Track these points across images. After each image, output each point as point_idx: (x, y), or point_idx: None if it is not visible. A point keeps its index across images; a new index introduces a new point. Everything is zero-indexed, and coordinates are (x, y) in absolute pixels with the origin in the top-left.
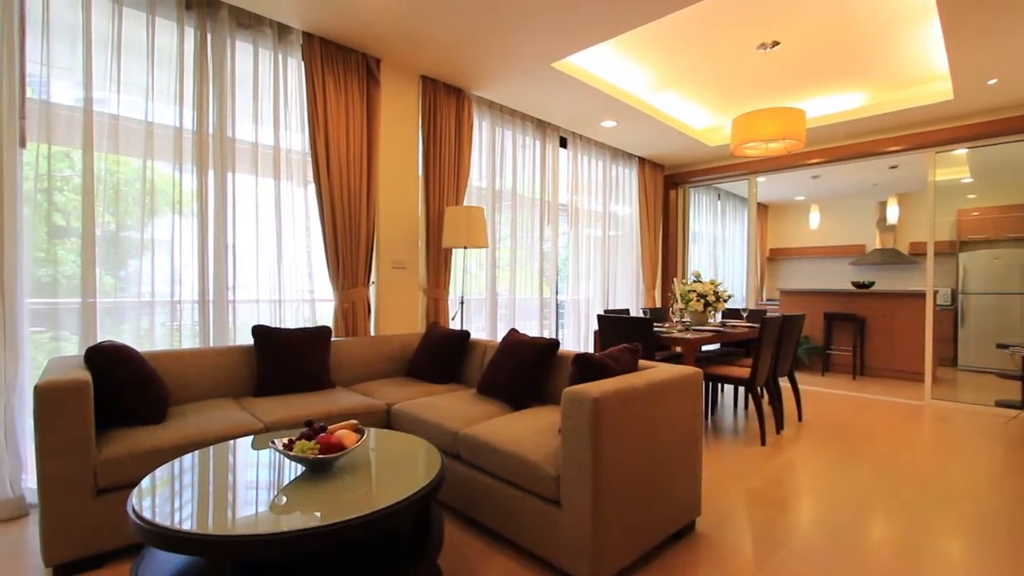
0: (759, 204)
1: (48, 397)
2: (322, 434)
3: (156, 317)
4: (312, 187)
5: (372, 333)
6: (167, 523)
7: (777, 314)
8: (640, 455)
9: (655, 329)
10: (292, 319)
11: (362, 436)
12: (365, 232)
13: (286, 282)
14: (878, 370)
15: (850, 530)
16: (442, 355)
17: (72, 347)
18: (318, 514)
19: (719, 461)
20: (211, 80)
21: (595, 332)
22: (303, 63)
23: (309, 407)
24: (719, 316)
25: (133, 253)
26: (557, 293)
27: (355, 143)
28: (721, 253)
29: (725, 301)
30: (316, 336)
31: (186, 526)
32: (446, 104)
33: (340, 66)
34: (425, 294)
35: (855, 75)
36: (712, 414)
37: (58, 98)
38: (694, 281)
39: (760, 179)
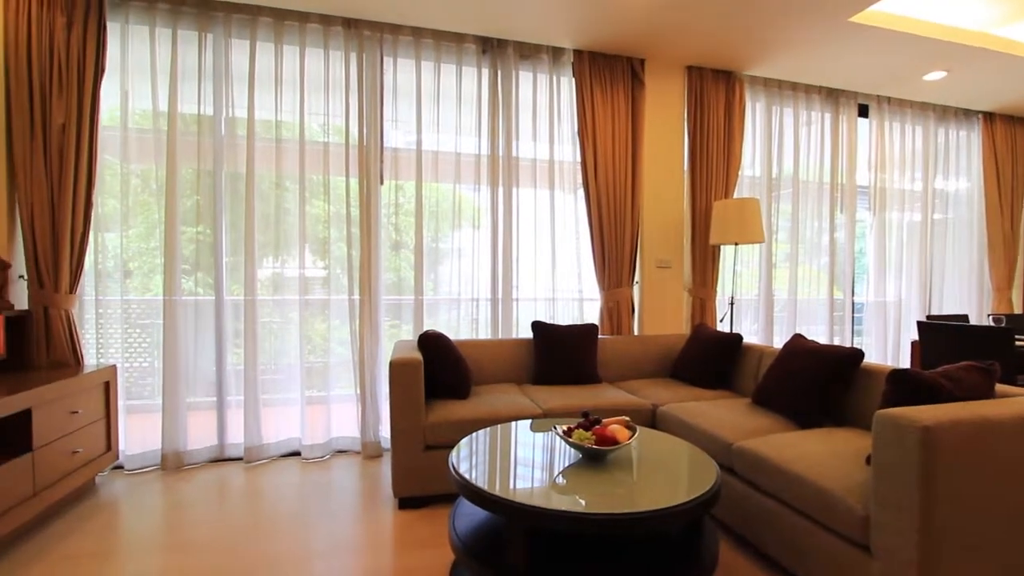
0: None
1: (398, 370)
2: (597, 426)
3: (460, 311)
4: (581, 193)
5: (635, 332)
6: (477, 482)
7: None
8: (1014, 517)
9: (1018, 344)
10: (563, 316)
11: (634, 433)
12: (630, 232)
13: (558, 282)
14: None
15: None
16: (710, 359)
17: (405, 333)
18: (603, 500)
19: None
20: (500, 110)
21: (912, 343)
22: (573, 79)
23: (580, 399)
24: None
25: (444, 260)
26: (853, 294)
27: (620, 146)
28: None
29: None
30: (586, 333)
31: (491, 488)
32: (714, 91)
33: (606, 74)
34: (690, 294)
35: None
36: None
37: (400, 144)
38: None
39: None
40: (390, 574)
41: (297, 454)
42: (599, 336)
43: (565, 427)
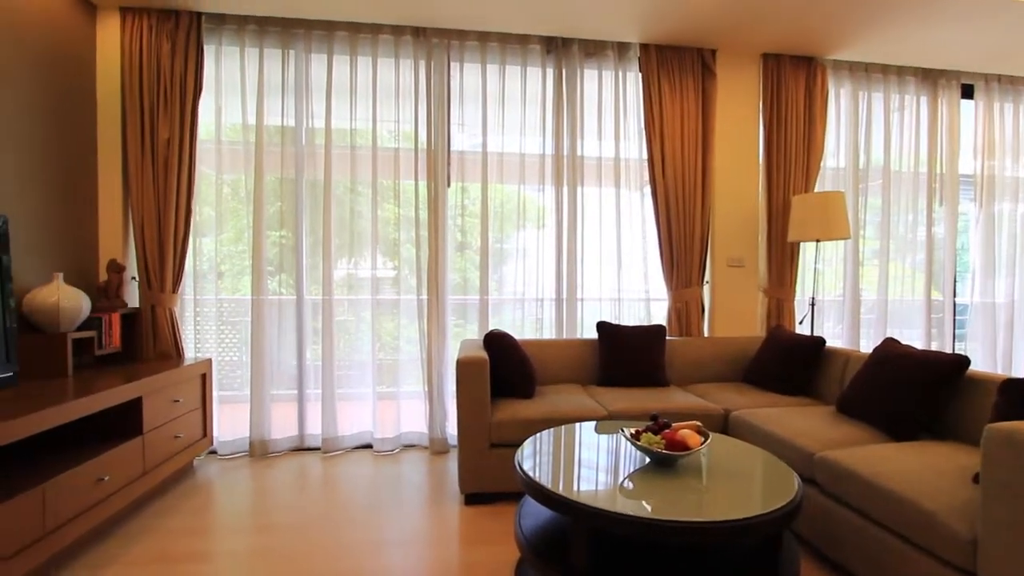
0: None
1: (464, 369)
2: (667, 430)
3: (525, 311)
4: (648, 190)
5: (705, 334)
6: (542, 481)
7: None
8: None
9: None
10: (628, 317)
11: (706, 439)
12: (699, 230)
13: (624, 282)
14: None
15: None
16: (788, 363)
17: (470, 333)
18: (672, 506)
19: None
20: (565, 109)
21: None
22: (640, 74)
23: (647, 401)
24: None
25: (508, 260)
26: (954, 294)
27: (689, 141)
28: None
29: None
30: (653, 334)
31: (557, 488)
32: (792, 78)
33: (675, 67)
34: (765, 294)
35: None
36: None
37: (466, 146)
38: None
39: None
40: (457, 567)
41: (369, 447)
42: (666, 337)
43: (633, 430)
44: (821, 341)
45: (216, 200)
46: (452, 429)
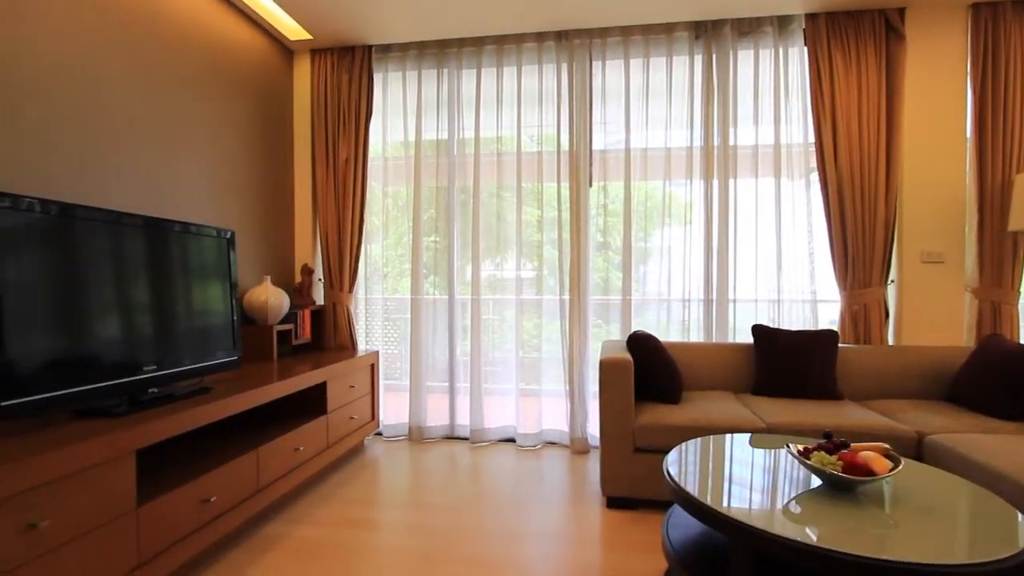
0: None
1: (608, 370)
2: (844, 451)
3: (670, 312)
4: (815, 178)
5: (890, 342)
6: (696, 494)
7: None
8: None
9: None
10: (789, 320)
11: (897, 465)
12: (883, 221)
13: (785, 282)
14: None
15: None
16: (1008, 380)
17: (609, 334)
18: (852, 538)
19: None
20: (716, 97)
21: None
22: (805, 49)
23: (814, 416)
24: None
25: (651, 259)
26: None
27: (869, 119)
28: None
29: None
30: (821, 340)
31: (712, 501)
32: (1018, 30)
33: (850, 35)
34: (975, 295)
35: None
36: None
37: (607, 145)
38: None
39: None
40: (599, 570)
41: (512, 441)
42: (838, 344)
43: (801, 447)
44: None
45: (381, 210)
46: (593, 429)
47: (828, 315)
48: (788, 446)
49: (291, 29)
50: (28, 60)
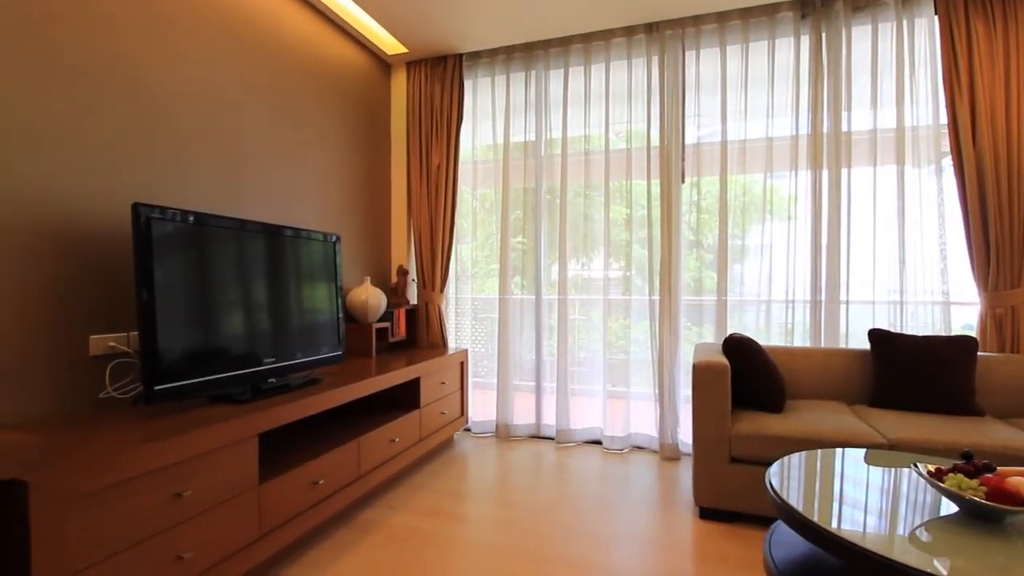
0: None
1: (702, 374)
2: (988, 474)
3: (771, 315)
4: (947, 163)
5: None
6: (806, 512)
7: None
8: None
9: None
10: (913, 324)
11: None
12: None
13: (909, 281)
14: None
15: None
16: None
17: (704, 336)
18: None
19: None
20: (825, 80)
21: None
22: (936, 19)
23: (949, 433)
24: None
25: (748, 257)
26: None
27: (1018, 91)
28: None
29: None
30: (956, 347)
31: (824, 522)
32: None
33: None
34: None
35: None
36: None
37: (701, 139)
38: None
39: None
40: None
41: (598, 443)
42: (978, 353)
43: (932, 467)
44: None
45: (470, 212)
46: (684, 436)
47: (963, 319)
48: (915, 465)
49: (389, 44)
50: (171, 84)
